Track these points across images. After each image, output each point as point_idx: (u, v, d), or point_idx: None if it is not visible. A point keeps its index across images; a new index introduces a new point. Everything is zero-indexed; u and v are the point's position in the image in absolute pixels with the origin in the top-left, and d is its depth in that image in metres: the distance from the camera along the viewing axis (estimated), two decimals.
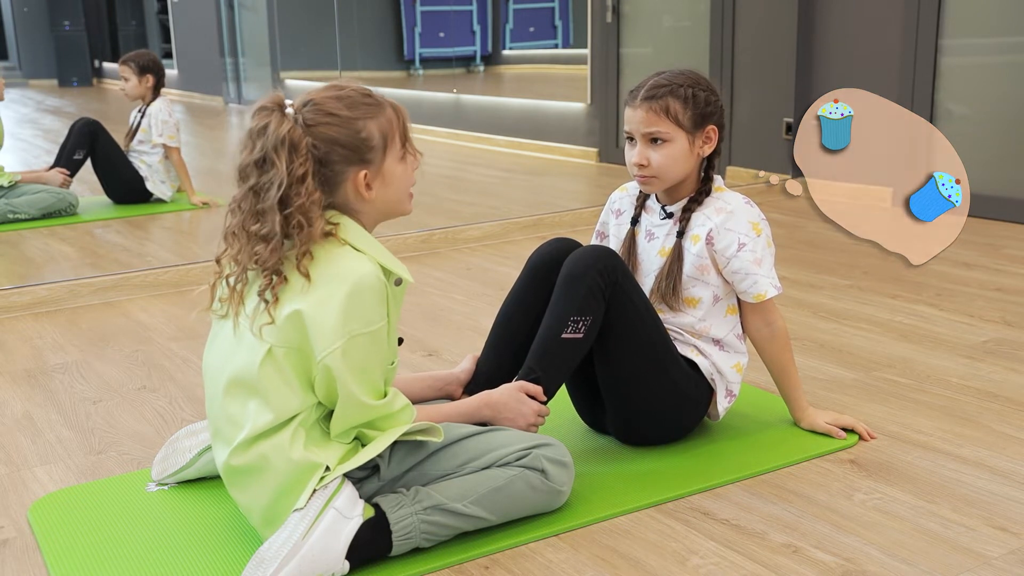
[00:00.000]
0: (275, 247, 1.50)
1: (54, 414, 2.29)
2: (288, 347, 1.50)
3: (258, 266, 1.51)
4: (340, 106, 1.53)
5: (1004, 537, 1.64)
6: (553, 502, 1.70)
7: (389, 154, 1.57)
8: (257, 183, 1.50)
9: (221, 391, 1.57)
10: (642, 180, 1.94)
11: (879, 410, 2.17)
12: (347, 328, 1.48)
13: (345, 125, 1.53)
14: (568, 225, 4.06)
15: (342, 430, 1.55)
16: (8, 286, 3.14)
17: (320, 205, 1.51)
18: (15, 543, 1.72)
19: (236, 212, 1.54)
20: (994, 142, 4.13)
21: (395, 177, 1.59)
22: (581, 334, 1.81)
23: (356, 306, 1.48)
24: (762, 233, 1.94)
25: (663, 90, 1.90)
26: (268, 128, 1.49)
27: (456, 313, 2.98)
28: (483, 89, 7.94)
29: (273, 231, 1.49)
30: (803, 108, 4.93)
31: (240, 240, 1.53)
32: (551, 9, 7.51)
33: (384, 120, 1.57)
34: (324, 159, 1.52)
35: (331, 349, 1.47)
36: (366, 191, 1.56)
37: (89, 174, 4.63)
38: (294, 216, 1.48)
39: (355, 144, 1.53)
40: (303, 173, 1.49)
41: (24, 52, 13.67)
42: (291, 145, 1.48)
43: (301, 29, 9.30)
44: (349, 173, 1.54)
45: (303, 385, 1.53)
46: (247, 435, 1.52)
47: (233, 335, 1.57)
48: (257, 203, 1.50)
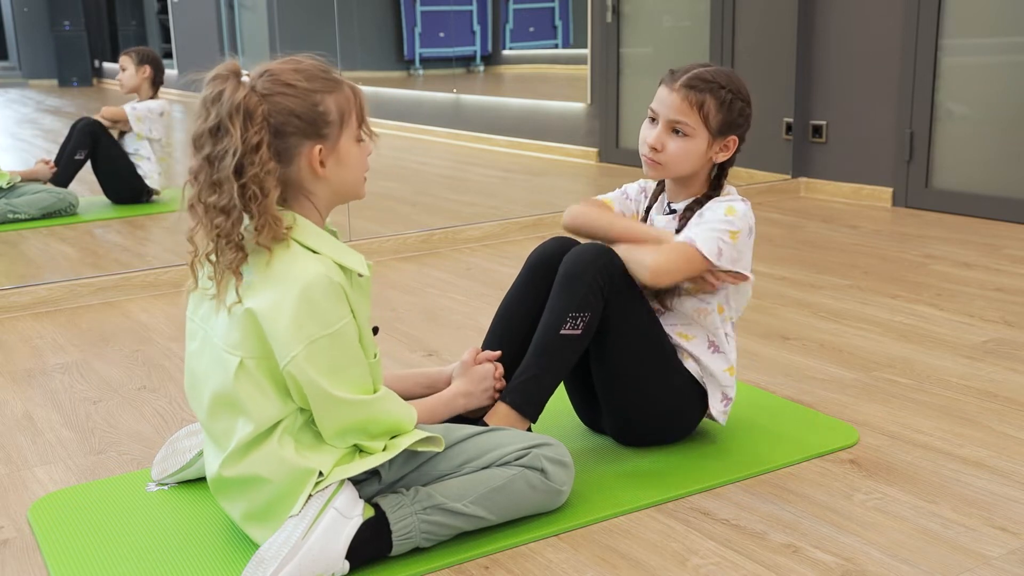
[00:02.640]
0: (236, 219, 1.47)
1: (54, 414, 2.29)
2: (256, 357, 1.48)
3: (222, 239, 1.47)
4: (298, 78, 1.51)
5: (1004, 537, 1.64)
6: (553, 502, 1.69)
7: (345, 132, 1.54)
8: (212, 152, 1.46)
9: (206, 408, 1.56)
10: (649, 162, 1.91)
11: (879, 410, 2.17)
12: (303, 333, 1.45)
13: (302, 96, 1.50)
14: None
15: (335, 432, 1.53)
16: (8, 286, 3.14)
17: (275, 176, 1.48)
18: (15, 543, 1.72)
19: (193, 183, 1.50)
20: (994, 142, 4.13)
21: (350, 156, 1.56)
22: (579, 330, 1.81)
23: (308, 310, 1.45)
24: (731, 219, 1.83)
25: (705, 84, 1.85)
26: (223, 95, 1.46)
27: (456, 313, 2.98)
28: (483, 89, 7.93)
29: (232, 202, 1.45)
30: (803, 108, 4.98)
31: (199, 214, 1.49)
32: (551, 9, 7.51)
33: (342, 97, 1.54)
34: (279, 130, 1.48)
35: (291, 356, 1.45)
36: (320, 168, 1.52)
37: (89, 174, 4.63)
38: (249, 187, 1.45)
39: (311, 117, 1.50)
40: (258, 142, 1.45)
41: (24, 52, 13.65)
42: (246, 112, 1.45)
43: (301, 29, 9.29)
44: (304, 147, 1.51)
45: (279, 392, 1.51)
46: (234, 447, 1.52)
47: (208, 347, 1.55)
48: (213, 173, 1.46)
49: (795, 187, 4.81)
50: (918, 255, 3.54)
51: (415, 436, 1.58)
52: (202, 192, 1.48)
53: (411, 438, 1.57)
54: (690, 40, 5.25)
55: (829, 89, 4.68)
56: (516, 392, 1.82)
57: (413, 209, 4.27)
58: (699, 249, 1.80)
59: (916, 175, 4.37)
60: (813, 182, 4.79)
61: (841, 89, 4.62)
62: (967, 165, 4.24)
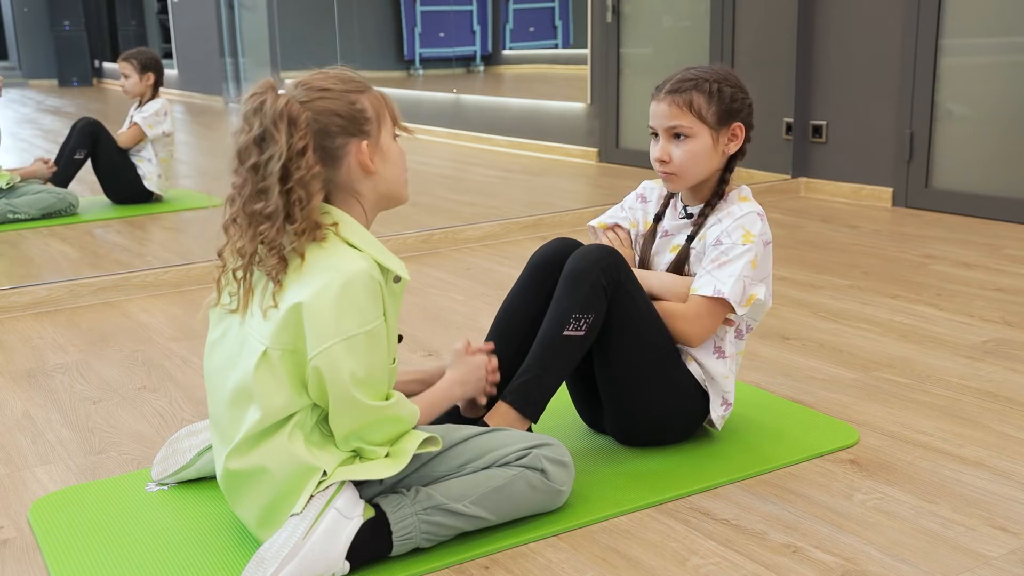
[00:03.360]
0: (280, 226, 1.48)
1: (54, 414, 2.29)
2: (283, 349, 1.49)
3: (264, 246, 1.49)
4: (332, 82, 1.55)
5: (1004, 537, 1.64)
6: (553, 502, 1.70)
7: (383, 128, 1.58)
8: (258, 160, 1.49)
9: (227, 400, 1.56)
10: (666, 177, 1.92)
11: (879, 410, 2.17)
12: (341, 327, 1.46)
13: (340, 97, 1.54)
14: (568, 225, 4.06)
15: (344, 433, 1.53)
16: (8, 286, 3.14)
17: (321, 179, 1.51)
18: (15, 543, 1.72)
19: (236, 199, 1.52)
20: (994, 142, 4.13)
21: (393, 152, 1.60)
22: (583, 332, 1.81)
23: (350, 301, 1.46)
24: (750, 247, 1.86)
25: (688, 84, 1.87)
26: (265, 104, 1.49)
27: (456, 313, 2.98)
28: (483, 89, 7.94)
29: (277, 209, 1.48)
30: (803, 108, 4.98)
31: (241, 225, 1.51)
32: (551, 9, 7.51)
33: (373, 96, 1.58)
34: (324, 130, 1.52)
35: (324, 347, 1.46)
36: (370, 164, 1.55)
37: (89, 174, 4.63)
38: (295, 191, 1.47)
39: (352, 114, 1.54)
40: (303, 146, 1.48)
41: (24, 52, 13.66)
42: (290, 118, 1.48)
43: (301, 29, 9.30)
44: (351, 145, 1.54)
45: (294, 386, 1.51)
46: (243, 437, 1.52)
47: (236, 338, 1.56)
48: (258, 181, 1.49)
49: (795, 187, 4.81)
50: (918, 255, 3.54)
51: (416, 439, 1.58)
52: (246, 203, 1.50)
53: (413, 443, 1.57)
54: (690, 40, 5.25)
55: (829, 89, 4.68)
56: (517, 392, 1.82)
57: (413, 209, 4.27)
58: (728, 300, 1.84)
59: (916, 175, 4.38)
60: (813, 182, 4.79)
61: (841, 89, 4.62)
62: (967, 165, 4.24)
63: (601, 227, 2.08)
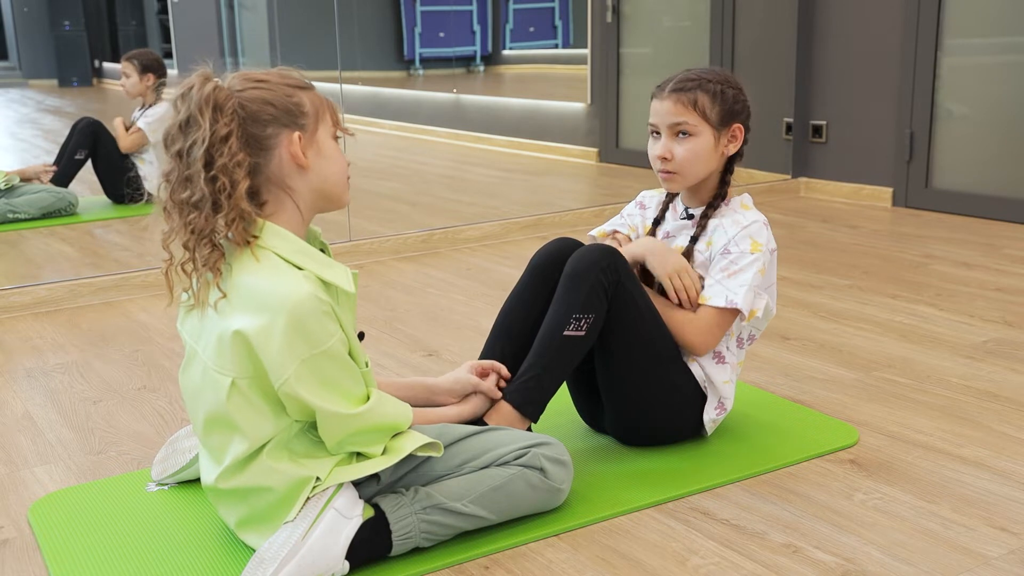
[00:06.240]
0: (208, 214, 1.46)
1: (54, 414, 2.29)
2: (248, 377, 1.47)
3: (194, 236, 1.47)
4: (271, 75, 1.53)
5: (1004, 537, 1.64)
6: (552, 501, 1.70)
7: (322, 125, 1.54)
8: (182, 147, 1.46)
9: (200, 424, 1.56)
10: (665, 175, 1.92)
11: (879, 410, 2.17)
12: (294, 354, 1.43)
13: (276, 89, 1.51)
14: (568, 225, 4.06)
15: (336, 442, 1.52)
16: (8, 286, 3.14)
17: (246, 167, 1.46)
18: (15, 543, 1.72)
19: (166, 186, 1.49)
20: (994, 142, 4.13)
21: (330, 150, 1.55)
22: (583, 332, 1.81)
23: (298, 333, 1.43)
24: (758, 255, 1.87)
25: (692, 83, 1.88)
26: (192, 90, 1.47)
27: (456, 313, 2.98)
28: (483, 89, 7.93)
29: (204, 197, 1.45)
30: (803, 108, 4.97)
31: (172, 214, 1.49)
32: (551, 9, 7.51)
33: (315, 96, 1.55)
34: (254, 118, 1.48)
35: (285, 377, 1.44)
36: (302, 158, 1.51)
37: (89, 174, 4.63)
38: (219, 178, 1.44)
39: (286, 106, 1.50)
40: (227, 133, 1.45)
41: (24, 52, 13.64)
42: (216, 104, 1.45)
43: (301, 29, 9.29)
44: (282, 136, 1.50)
45: (274, 410, 1.50)
46: (230, 463, 1.52)
47: (197, 365, 1.54)
48: (184, 169, 1.46)
49: (795, 187, 4.81)
50: (918, 255, 3.54)
51: (416, 441, 1.58)
52: (174, 191, 1.48)
53: (412, 443, 1.57)
54: (690, 40, 5.25)
55: (829, 89, 4.68)
56: (517, 392, 1.82)
57: (413, 209, 4.27)
58: (740, 309, 1.85)
59: (916, 175, 4.38)
60: (813, 182, 4.79)
61: (841, 89, 4.62)
62: (967, 165, 4.24)
63: (601, 236, 2.09)
